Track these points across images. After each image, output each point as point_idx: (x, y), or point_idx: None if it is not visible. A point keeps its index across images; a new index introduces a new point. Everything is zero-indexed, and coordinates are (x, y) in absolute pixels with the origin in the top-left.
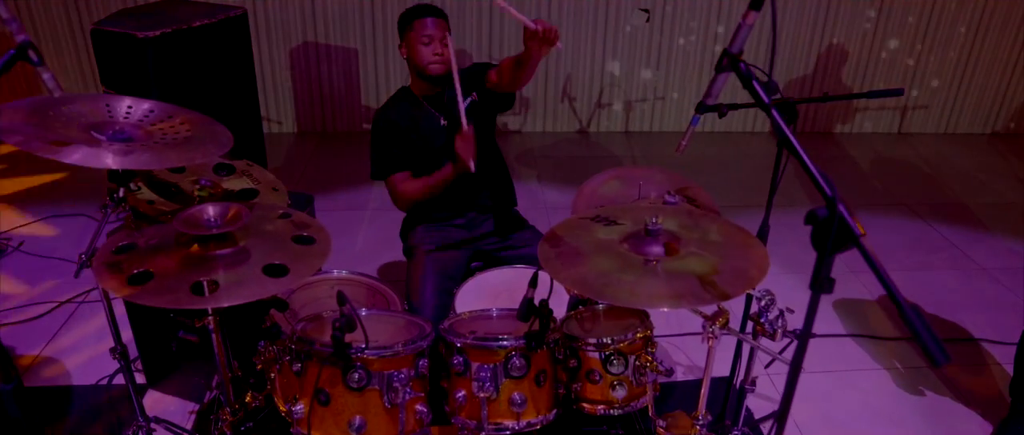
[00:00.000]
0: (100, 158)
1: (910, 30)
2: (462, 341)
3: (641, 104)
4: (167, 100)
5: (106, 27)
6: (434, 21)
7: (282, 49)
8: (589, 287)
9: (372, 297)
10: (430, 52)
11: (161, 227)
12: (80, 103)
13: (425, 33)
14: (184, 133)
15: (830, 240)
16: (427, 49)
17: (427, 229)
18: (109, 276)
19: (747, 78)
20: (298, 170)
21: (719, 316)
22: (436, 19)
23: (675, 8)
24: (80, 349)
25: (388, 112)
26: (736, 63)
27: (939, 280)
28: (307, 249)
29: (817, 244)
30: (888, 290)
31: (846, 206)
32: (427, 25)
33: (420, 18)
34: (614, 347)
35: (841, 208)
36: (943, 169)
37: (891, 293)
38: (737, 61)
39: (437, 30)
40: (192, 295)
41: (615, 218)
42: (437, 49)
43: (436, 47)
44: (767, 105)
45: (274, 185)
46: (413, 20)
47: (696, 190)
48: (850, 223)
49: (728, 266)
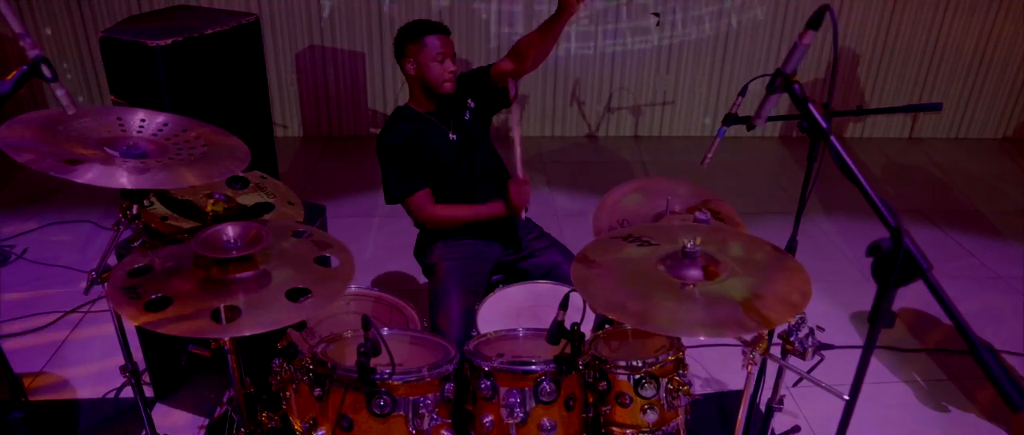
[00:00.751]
0: (114, 177)
1: (921, 32)
2: (490, 365)
3: (650, 109)
4: (179, 109)
5: (115, 35)
6: (443, 39)
7: (288, 53)
8: (628, 314)
9: (390, 314)
10: (445, 70)
11: (177, 247)
12: (91, 117)
13: (438, 50)
14: (200, 149)
15: (895, 274)
16: (442, 67)
17: (446, 245)
18: (125, 302)
19: (802, 101)
20: (305, 175)
21: (759, 341)
22: (445, 37)
23: (685, 12)
24: (86, 361)
25: (395, 133)
26: (790, 84)
27: (956, 289)
28: (330, 271)
29: (879, 277)
30: (960, 328)
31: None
32: (439, 42)
33: (432, 34)
34: (646, 370)
35: (907, 240)
36: (955, 175)
37: (963, 332)
38: (791, 82)
39: (448, 47)
40: (213, 323)
41: (648, 238)
42: (451, 67)
43: (450, 65)
44: (825, 131)
45: (289, 198)
46: (424, 36)
47: (718, 203)
48: (917, 256)
49: (769, 290)
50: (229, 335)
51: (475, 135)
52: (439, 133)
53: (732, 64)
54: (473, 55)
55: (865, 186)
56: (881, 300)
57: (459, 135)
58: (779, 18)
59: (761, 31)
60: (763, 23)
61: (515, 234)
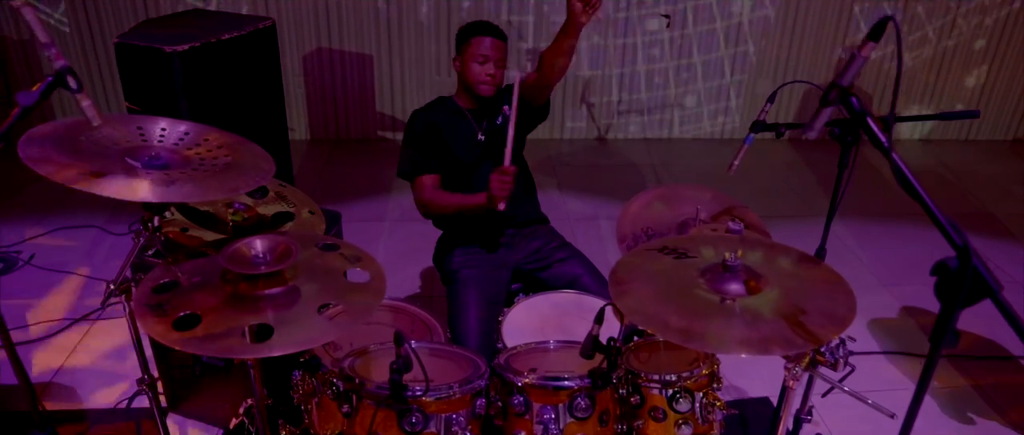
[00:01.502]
0: (138, 190)
1: (933, 34)
2: (523, 380)
3: (660, 111)
4: (196, 115)
5: (131, 41)
6: (492, 42)
7: (296, 55)
8: (671, 331)
9: (412, 325)
10: (484, 72)
11: (202, 262)
12: (111, 126)
13: (481, 52)
14: (223, 159)
15: (963, 294)
16: (481, 68)
17: (465, 252)
18: (153, 320)
19: (861, 115)
20: (313, 179)
21: (803, 356)
22: (495, 40)
23: (695, 15)
24: (97, 369)
25: (428, 114)
26: (847, 97)
27: None
28: (362, 286)
29: (943, 296)
30: None
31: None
32: (484, 44)
33: (478, 36)
34: (680, 384)
35: (976, 260)
36: (967, 177)
37: None
38: (848, 95)
39: (494, 51)
40: (247, 342)
41: (685, 250)
42: (491, 70)
43: (490, 68)
44: (887, 148)
45: (309, 207)
46: (471, 37)
47: (743, 210)
48: (986, 276)
49: (812, 305)
50: (262, 355)
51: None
52: (469, 130)
53: (743, 65)
54: None
55: (930, 205)
56: (946, 320)
57: (487, 137)
58: (789, 17)
59: (772, 32)
60: (774, 24)
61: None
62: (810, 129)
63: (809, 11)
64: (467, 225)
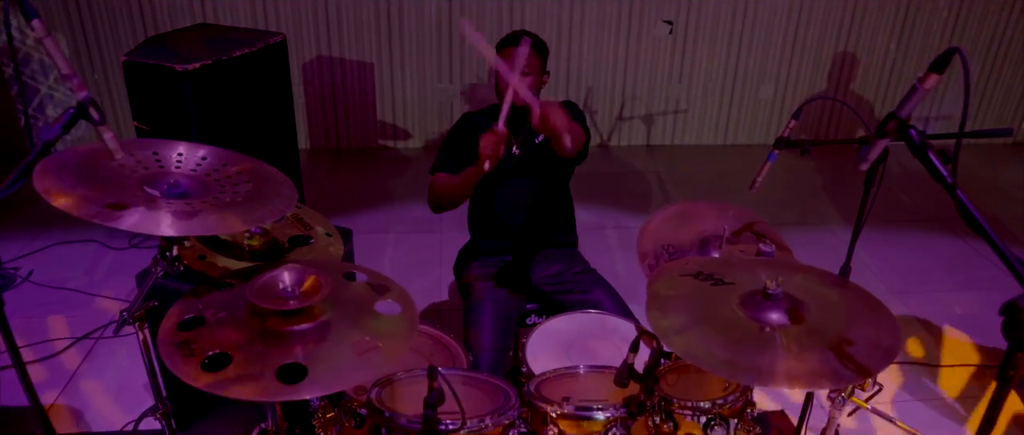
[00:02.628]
0: (159, 223)
1: (933, 39)
2: (557, 410)
3: (663, 117)
4: (206, 134)
5: (140, 59)
6: (518, 51)
7: (295, 63)
8: (716, 363)
9: (433, 348)
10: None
11: (225, 294)
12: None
13: (507, 62)
14: (244, 186)
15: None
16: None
17: (483, 265)
18: (181, 361)
19: (922, 148)
20: (315, 189)
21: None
22: (520, 49)
23: (698, 20)
24: (101, 390)
25: (478, 117)
26: (906, 130)
27: (984, 301)
28: (394, 320)
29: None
30: None
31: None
32: (510, 55)
33: (507, 46)
34: (715, 411)
35: None
36: (968, 180)
37: None
38: (907, 128)
39: (520, 60)
40: (281, 384)
41: (721, 276)
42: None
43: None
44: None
45: (326, 229)
46: (502, 47)
47: (763, 226)
48: None
49: (858, 334)
50: (296, 397)
51: (542, 164)
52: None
53: (745, 71)
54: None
55: (996, 241)
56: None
57: (524, 153)
58: (792, 21)
59: (775, 37)
60: (776, 27)
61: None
62: (863, 161)
63: (811, 17)
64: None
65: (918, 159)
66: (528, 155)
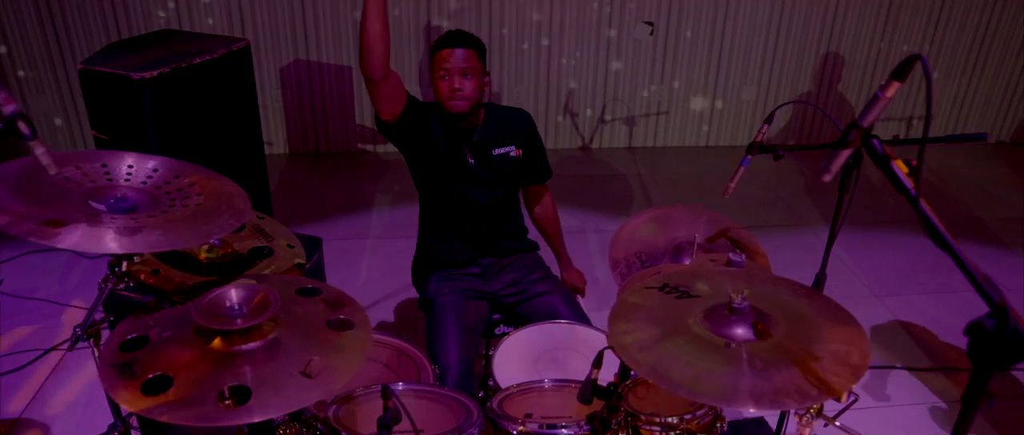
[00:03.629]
0: (102, 240)
1: (915, 39)
2: (517, 429)
3: (644, 119)
4: (165, 143)
5: (96, 67)
6: (453, 53)
7: (272, 67)
8: (675, 382)
9: (398, 361)
10: (446, 87)
11: (175, 311)
12: (73, 164)
13: (441, 66)
14: (195, 199)
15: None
16: (443, 83)
17: (441, 278)
18: (119, 384)
19: (884, 159)
20: (293, 195)
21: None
22: (456, 50)
23: (680, 20)
24: (70, 404)
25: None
26: (869, 141)
27: (962, 303)
28: (346, 337)
29: (978, 358)
30: None
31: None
32: (444, 57)
33: (441, 49)
34: (683, 426)
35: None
36: (951, 181)
37: None
38: (870, 138)
39: (455, 62)
40: (223, 408)
41: (686, 288)
42: (455, 83)
43: (455, 82)
44: (913, 197)
45: (288, 240)
46: (436, 50)
47: (738, 231)
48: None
49: (825, 349)
50: (241, 421)
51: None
52: (458, 145)
53: (727, 72)
54: None
55: (962, 259)
56: (979, 383)
57: (478, 163)
58: (773, 23)
59: (757, 38)
60: (758, 29)
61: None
62: (826, 172)
63: (793, 19)
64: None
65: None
66: (483, 165)
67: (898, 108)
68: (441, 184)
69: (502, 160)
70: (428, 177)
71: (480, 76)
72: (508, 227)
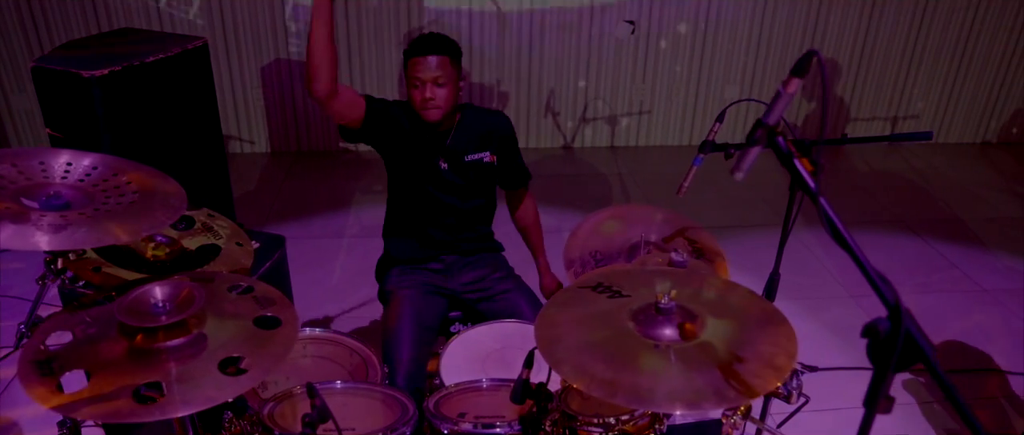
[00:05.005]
0: (29, 237)
1: (900, 37)
2: (450, 427)
3: (626, 119)
4: (119, 142)
5: (48, 65)
6: (425, 62)
7: (253, 66)
8: (595, 383)
9: (350, 359)
10: (419, 96)
11: (102, 309)
12: (8, 162)
13: (414, 74)
14: (129, 196)
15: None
16: (416, 92)
17: (402, 272)
18: (36, 379)
19: (788, 157)
20: (272, 193)
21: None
22: (428, 58)
23: (661, 19)
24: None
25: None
26: (774, 138)
27: (940, 303)
28: (270, 335)
29: (876, 360)
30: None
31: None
32: (416, 66)
33: (412, 57)
34: (620, 427)
35: (908, 322)
36: (936, 181)
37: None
38: (775, 135)
39: (427, 71)
40: (136, 405)
41: (619, 288)
42: (427, 92)
43: (427, 91)
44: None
45: (238, 238)
46: (408, 58)
47: (697, 231)
48: (920, 340)
49: (751, 351)
50: (152, 418)
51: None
52: (431, 148)
53: (710, 71)
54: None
55: (860, 258)
56: (879, 386)
57: (450, 167)
58: (756, 22)
59: (739, 36)
60: (741, 28)
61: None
62: (737, 169)
63: (776, 17)
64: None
65: (785, 167)
66: (455, 170)
67: (882, 107)
68: (411, 184)
69: (475, 166)
70: (399, 176)
71: (454, 83)
72: (475, 227)
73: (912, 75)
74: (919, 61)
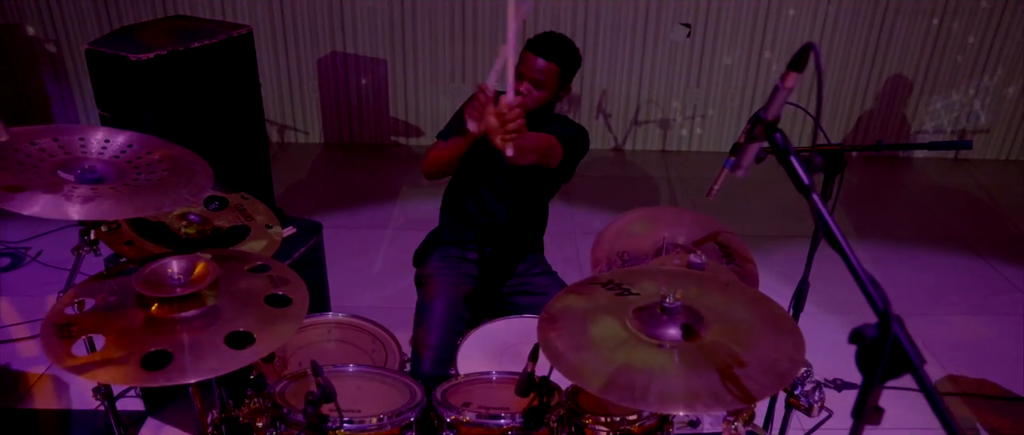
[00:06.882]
0: (62, 207)
1: (971, 51)
2: (453, 416)
3: (679, 122)
4: (163, 125)
5: (100, 48)
6: (524, 56)
7: (310, 57)
8: (590, 379)
9: (372, 345)
10: (517, 87)
11: (126, 279)
12: (51, 137)
13: (521, 66)
14: (159, 173)
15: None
16: (517, 84)
17: (442, 258)
18: (56, 341)
19: (784, 153)
20: (322, 183)
21: (743, 410)
22: (535, 57)
23: (718, 23)
24: None
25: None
26: (772, 133)
27: (998, 327)
28: (280, 312)
29: (864, 368)
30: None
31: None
32: (526, 58)
33: (527, 50)
34: (627, 427)
35: (896, 328)
36: (1004, 200)
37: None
38: (773, 131)
39: (527, 68)
40: (143, 370)
41: (629, 286)
42: (523, 88)
43: (522, 86)
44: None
45: (268, 221)
46: (525, 48)
47: (728, 235)
48: (908, 348)
49: (755, 356)
50: (160, 384)
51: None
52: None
53: (767, 75)
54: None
55: (851, 258)
56: (866, 395)
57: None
58: (817, 31)
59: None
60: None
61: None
62: (738, 167)
63: (837, 26)
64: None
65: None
66: (510, 172)
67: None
68: (470, 174)
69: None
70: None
71: (552, 91)
72: (525, 225)
73: (982, 89)
74: (991, 73)
